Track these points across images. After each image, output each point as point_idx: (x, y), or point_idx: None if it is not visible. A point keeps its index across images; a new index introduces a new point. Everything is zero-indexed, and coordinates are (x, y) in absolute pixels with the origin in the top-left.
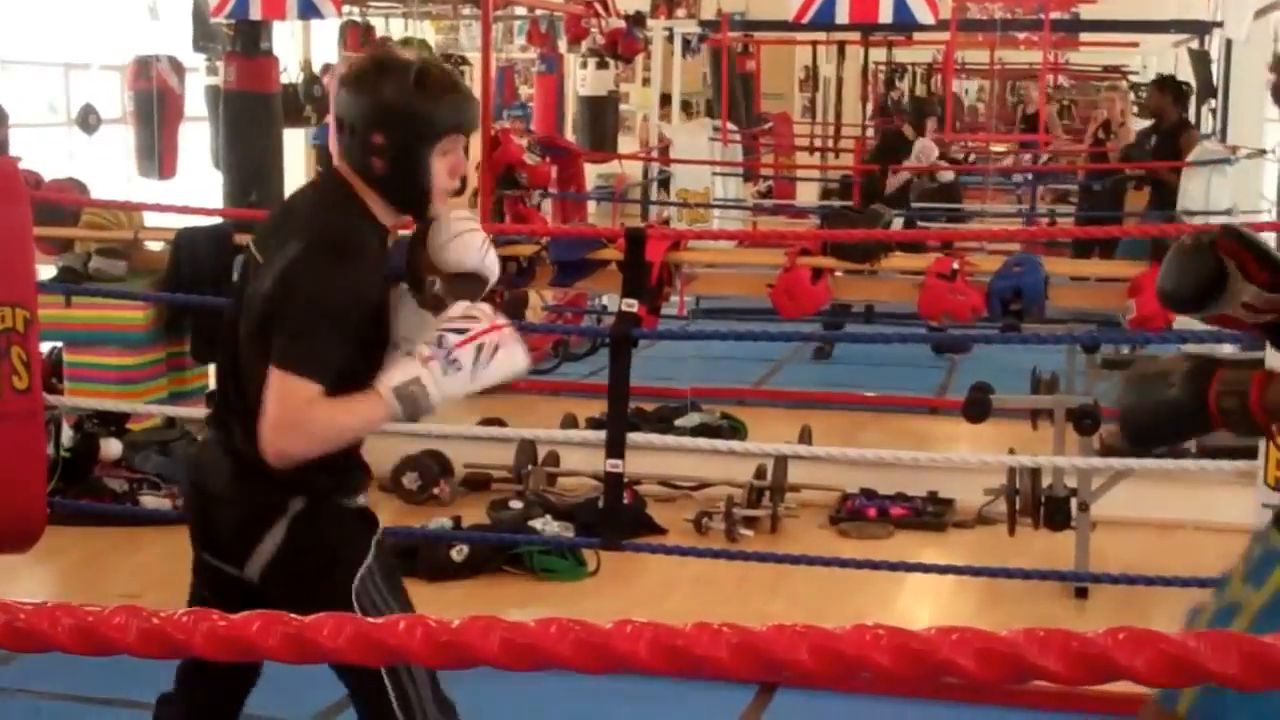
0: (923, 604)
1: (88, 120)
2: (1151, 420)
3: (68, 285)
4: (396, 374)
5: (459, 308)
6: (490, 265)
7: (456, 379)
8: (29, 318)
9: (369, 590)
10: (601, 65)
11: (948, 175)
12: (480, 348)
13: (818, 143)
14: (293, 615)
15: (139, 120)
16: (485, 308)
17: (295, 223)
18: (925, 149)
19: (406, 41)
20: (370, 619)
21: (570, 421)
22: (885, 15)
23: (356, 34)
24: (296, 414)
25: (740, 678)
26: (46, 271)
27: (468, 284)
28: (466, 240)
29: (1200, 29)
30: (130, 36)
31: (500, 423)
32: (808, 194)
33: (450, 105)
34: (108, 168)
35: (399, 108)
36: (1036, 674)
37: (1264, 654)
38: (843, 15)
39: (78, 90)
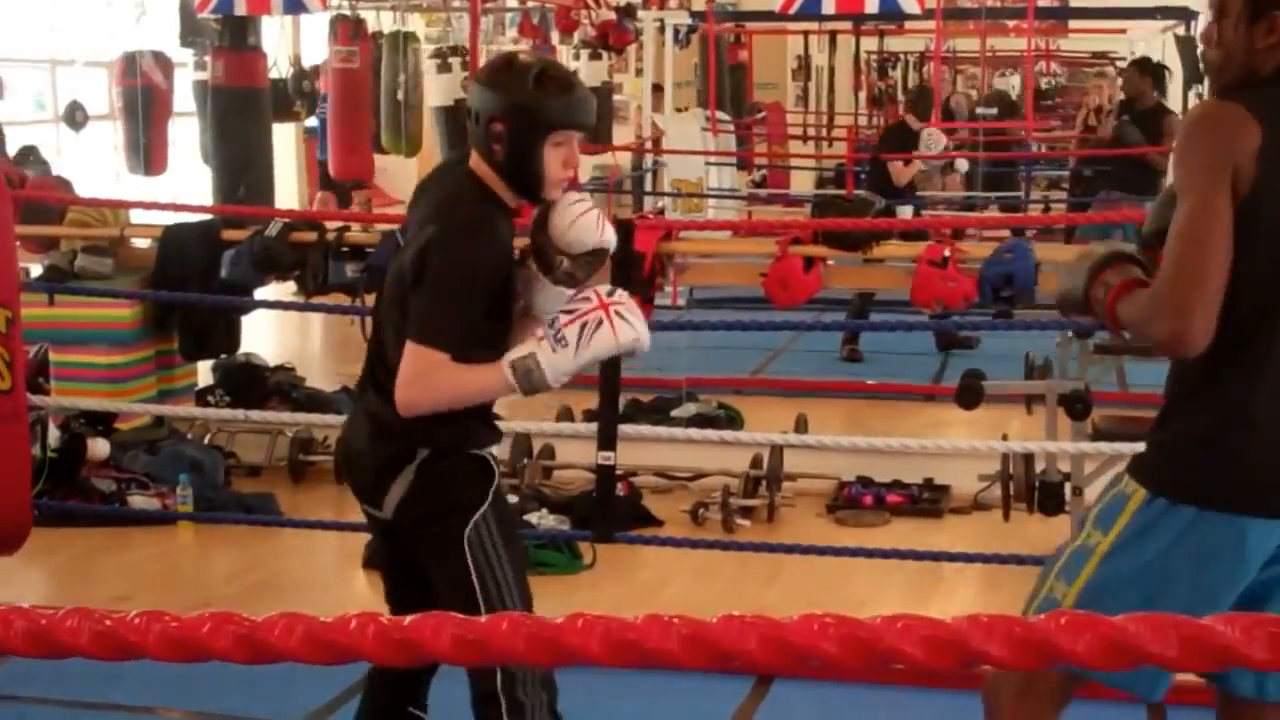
0: (920, 590)
1: (75, 117)
2: (1060, 300)
3: (51, 284)
4: (517, 349)
5: (581, 291)
6: (608, 237)
7: (563, 355)
8: (10, 317)
9: (481, 535)
10: (595, 57)
11: (963, 164)
12: (584, 326)
13: (811, 132)
14: (244, 616)
15: (126, 116)
16: (602, 289)
17: (430, 208)
18: (934, 138)
19: (394, 35)
20: (324, 620)
21: (566, 414)
22: (871, 6)
23: (347, 28)
24: (425, 376)
25: (691, 668)
26: (33, 270)
27: (593, 257)
28: (584, 222)
29: (1186, 15)
30: (117, 32)
31: (495, 416)
32: (802, 183)
33: (563, 104)
34: (96, 164)
35: (517, 102)
36: (981, 659)
37: (1201, 636)
38: (829, 7)
39: (64, 87)
